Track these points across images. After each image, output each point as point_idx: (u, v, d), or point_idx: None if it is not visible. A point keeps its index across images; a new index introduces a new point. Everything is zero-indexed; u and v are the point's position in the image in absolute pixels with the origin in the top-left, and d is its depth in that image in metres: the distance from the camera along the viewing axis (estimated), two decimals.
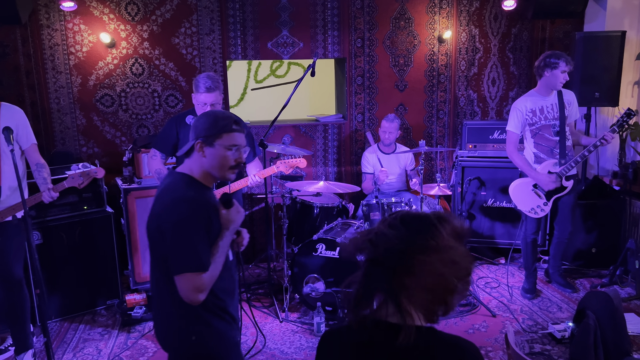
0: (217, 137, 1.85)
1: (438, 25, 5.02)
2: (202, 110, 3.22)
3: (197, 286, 1.75)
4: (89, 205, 3.91)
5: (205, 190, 1.90)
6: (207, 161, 1.87)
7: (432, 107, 5.19)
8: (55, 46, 4.28)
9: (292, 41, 4.75)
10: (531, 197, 3.85)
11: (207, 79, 3.19)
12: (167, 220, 1.77)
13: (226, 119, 1.88)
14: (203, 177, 1.90)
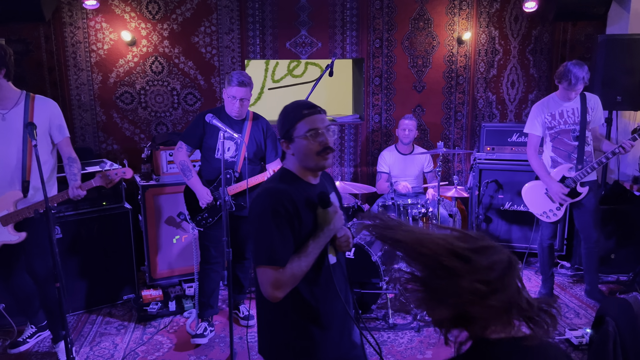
0: (292, 130, 1.80)
1: (457, 26, 4.99)
2: (231, 104, 3.29)
3: (271, 282, 1.68)
4: (108, 201, 3.96)
5: (301, 184, 1.83)
6: (296, 156, 1.82)
7: (450, 108, 5.15)
8: (78, 44, 4.34)
9: (311, 41, 4.76)
10: (544, 201, 3.80)
11: (240, 74, 3.28)
12: (252, 211, 1.78)
13: (295, 109, 1.82)
14: (301, 172, 1.85)
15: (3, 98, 2.94)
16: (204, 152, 3.46)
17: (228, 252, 2.93)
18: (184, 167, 3.40)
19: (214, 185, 3.42)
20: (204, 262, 3.54)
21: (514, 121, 5.24)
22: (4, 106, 2.95)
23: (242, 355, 3.32)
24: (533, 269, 4.63)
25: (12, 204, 2.98)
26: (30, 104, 2.99)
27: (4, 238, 3.00)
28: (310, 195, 1.81)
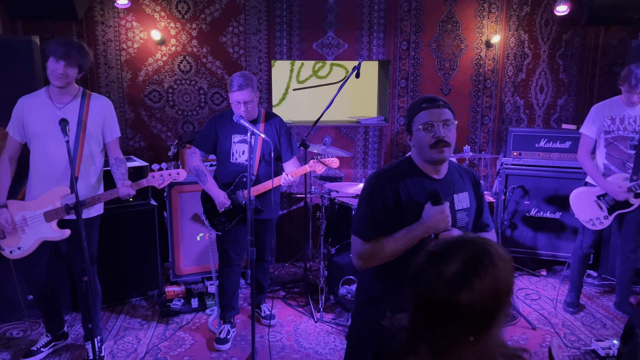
0: (412, 123, 1.89)
1: (486, 29, 4.93)
2: (237, 109, 3.25)
3: (357, 251, 1.87)
4: (135, 197, 3.99)
5: (418, 175, 1.91)
6: (415, 148, 1.91)
7: (477, 112, 5.10)
8: (108, 42, 4.42)
9: (337, 42, 4.76)
10: (592, 208, 3.69)
11: (239, 77, 3.21)
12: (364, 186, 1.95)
13: (417, 102, 1.90)
14: (422, 164, 1.92)
15: (64, 93, 2.97)
16: (219, 156, 3.46)
17: (252, 251, 2.94)
18: (198, 172, 3.40)
19: (230, 189, 3.41)
20: (223, 265, 3.54)
21: (542, 126, 5.16)
22: (61, 101, 2.97)
23: (263, 354, 3.34)
24: (558, 277, 4.54)
25: (58, 199, 2.98)
26: (87, 101, 3.02)
27: (45, 234, 3.00)
28: (426, 188, 1.88)
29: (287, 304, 4.08)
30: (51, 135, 2.94)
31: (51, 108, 2.95)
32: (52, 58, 2.84)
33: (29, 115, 2.95)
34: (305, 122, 5.08)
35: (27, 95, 3.01)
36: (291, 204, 4.99)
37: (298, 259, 4.91)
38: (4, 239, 2.99)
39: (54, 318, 3.35)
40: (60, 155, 2.95)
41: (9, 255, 3.03)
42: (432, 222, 1.81)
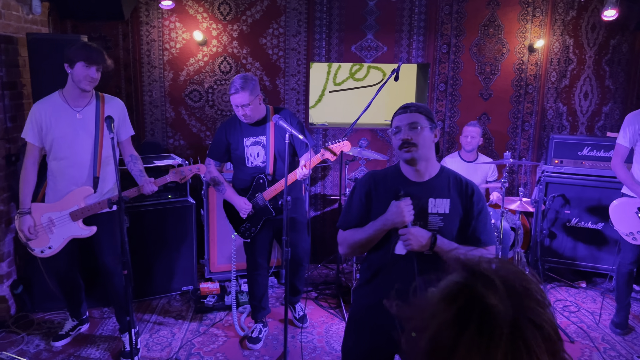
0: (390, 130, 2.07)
1: (529, 33, 4.82)
2: (237, 112, 3.22)
3: (338, 237, 2.15)
4: (173, 194, 4.10)
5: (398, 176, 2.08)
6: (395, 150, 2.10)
7: (518, 118, 4.99)
8: (152, 42, 4.53)
9: (376, 45, 4.74)
10: (633, 220, 3.52)
11: (238, 79, 3.16)
12: None
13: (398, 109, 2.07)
14: (405, 168, 2.08)
15: (79, 97, 3.06)
16: (234, 162, 3.44)
17: (287, 251, 2.96)
18: (215, 182, 3.41)
19: (249, 194, 3.39)
20: (251, 269, 3.56)
21: (585, 134, 5.01)
22: (79, 104, 3.07)
23: (295, 354, 3.35)
24: (599, 289, 4.40)
25: (82, 199, 3.10)
26: (101, 102, 3.13)
27: (73, 232, 3.13)
28: (393, 183, 2.04)
29: (319, 305, 4.09)
30: (71, 138, 3.04)
31: (70, 112, 3.05)
32: (82, 63, 2.93)
33: (49, 120, 3.03)
34: (340, 124, 5.09)
35: (40, 101, 3.08)
36: (325, 206, 4.99)
37: (330, 261, 4.91)
38: (32, 240, 3.11)
39: (78, 306, 3.52)
40: (81, 157, 3.07)
41: (40, 254, 3.15)
42: (389, 215, 1.96)
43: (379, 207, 2.02)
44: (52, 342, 3.42)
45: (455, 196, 2.05)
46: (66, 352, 3.36)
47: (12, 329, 3.58)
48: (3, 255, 3.64)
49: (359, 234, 2.05)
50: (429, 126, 2.01)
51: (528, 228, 4.84)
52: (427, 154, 2.01)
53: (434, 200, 2.02)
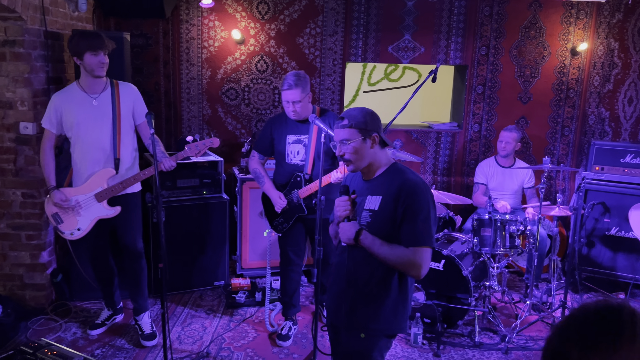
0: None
1: (572, 36, 4.70)
2: (286, 108, 3.29)
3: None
4: (208, 190, 4.16)
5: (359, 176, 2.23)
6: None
7: (557, 122, 4.87)
8: (191, 40, 4.60)
9: (414, 46, 4.70)
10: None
11: (291, 76, 3.22)
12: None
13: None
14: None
15: (94, 84, 3.20)
16: (276, 157, 3.50)
17: (319, 250, 2.96)
18: (256, 174, 3.47)
19: (286, 190, 3.43)
20: (283, 264, 3.60)
21: (628, 140, 4.85)
22: (95, 91, 3.22)
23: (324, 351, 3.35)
24: (638, 301, 4.26)
25: (105, 180, 3.25)
26: (116, 88, 3.26)
27: (100, 213, 3.28)
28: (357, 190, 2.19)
29: None
30: (90, 123, 3.19)
31: (87, 99, 3.20)
32: (90, 53, 3.07)
33: (68, 108, 3.18)
34: None
35: (59, 92, 3.26)
36: None
37: None
38: (61, 223, 3.25)
39: (112, 293, 3.63)
40: (101, 140, 3.21)
41: (70, 237, 3.31)
42: (334, 210, 2.15)
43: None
44: (89, 330, 3.54)
45: (388, 194, 2.04)
46: (101, 340, 3.46)
47: (51, 316, 3.71)
48: (44, 245, 3.76)
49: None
50: (360, 139, 2.06)
51: (565, 235, 4.72)
52: (365, 162, 2.10)
53: (370, 197, 2.10)
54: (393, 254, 1.99)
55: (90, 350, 3.33)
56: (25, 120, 3.56)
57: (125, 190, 3.28)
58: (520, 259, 4.60)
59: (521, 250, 3.79)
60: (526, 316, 3.81)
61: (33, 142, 3.60)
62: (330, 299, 2.28)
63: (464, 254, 3.73)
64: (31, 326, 3.57)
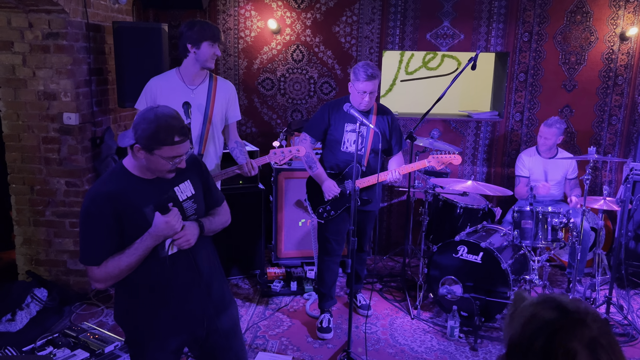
0: (155, 148, 1.85)
1: (622, 20, 4.47)
2: (359, 98, 3.21)
3: (90, 276, 1.91)
4: (244, 180, 4.19)
5: (137, 183, 1.93)
6: (144, 163, 1.91)
7: (604, 111, 4.66)
8: (228, 30, 4.62)
9: (453, 33, 4.58)
10: None
11: (367, 67, 3.16)
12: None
13: (167, 132, 1.85)
14: (140, 170, 1.95)
15: (196, 75, 3.14)
16: (328, 144, 3.43)
17: (354, 241, 2.94)
18: (308, 158, 3.40)
19: (339, 178, 3.40)
20: (324, 254, 3.56)
21: None
22: (194, 83, 3.15)
23: (358, 344, 3.35)
24: None
25: None
26: (214, 84, 3.19)
27: None
28: (150, 191, 1.93)
29: (384, 297, 4.05)
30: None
31: (185, 89, 3.12)
32: (209, 42, 3.01)
33: (162, 95, 3.10)
34: (411, 114, 4.98)
35: (158, 77, 3.18)
36: (392, 197, 4.92)
37: (396, 254, 4.85)
38: None
39: None
40: (193, 132, 3.09)
41: None
42: (158, 231, 1.88)
43: (133, 225, 1.88)
44: None
45: (192, 174, 2.07)
46: None
47: (93, 301, 3.83)
48: None
49: (124, 259, 1.86)
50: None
51: (611, 229, 4.54)
52: None
53: (178, 187, 2.01)
54: (220, 217, 2.18)
55: None
56: (69, 110, 3.66)
57: None
58: (563, 252, 4.45)
59: (564, 244, 3.66)
60: None
61: (76, 132, 3.70)
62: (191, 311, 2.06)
63: (504, 247, 3.63)
64: (75, 310, 3.70)
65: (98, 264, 1.86)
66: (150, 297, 1.99)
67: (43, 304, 3.57)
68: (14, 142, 3.74)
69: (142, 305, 2.00)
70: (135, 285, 1.97)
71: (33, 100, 3.66)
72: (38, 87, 3.63)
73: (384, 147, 3.44)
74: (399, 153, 3.49)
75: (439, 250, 3.68)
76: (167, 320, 2.01)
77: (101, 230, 1.86)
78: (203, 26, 3.02)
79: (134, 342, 2.08)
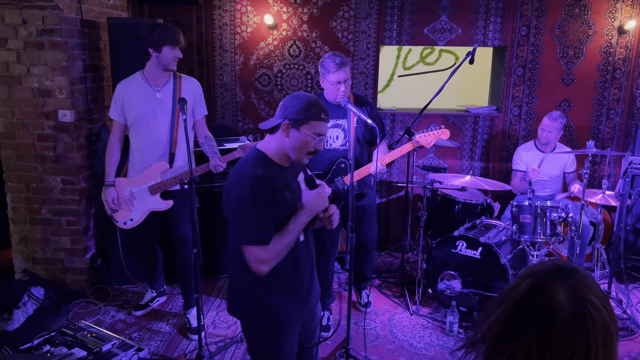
0: (305, 123, 1.93)
1: (620, 14, 4.45)
2: (334, 90, 3.15)
3: (258, 258, 1.88)
4: None
5: (276, 168, 1.98)
6: (288, 143, 1.95)
7: (602, 105, 4.65)
8: (224, 26, 4.59)
9: (450, 27, 4.55)
10: None
11: (335, 56, 3.11)
12: (231, 195, 1.92)
13: (317, 107, 1.95)
14: (277, 156, 1.99)
15: (160, 77, 3.19)
16: None
17: (352, 237, 2.92)
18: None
19: (328, 177, 3.33)
20: (319, 255, 3.51)
21: None
22: (158, 84, 3.20)
23: (357, 340, 3.33)
24: None
25: (159, 174, 3.25)
26: (178, 82, 3.24)
27: (152, 206, 3.31)
28: (286, 178, 2.00)
29: (382, 293, 4.04)
30: (152, 116, 3.18)
31: (150, 91, 3.19)
32: (169, 46, 3.07)
33: (130, 98, 3.18)
34: (409, 109, 4.96)
35: (124, 81, 3.25)
36: (391, 193, 4.90)
37: (395, 249, 4.83)
38: (116, 212, 3.31)
39: (157, 277, 3.71)
40: (160, 133, 3.20)
41: (123, 226, 3.36)
42: (311, 205, 1.98)
43: (285, 205, 1.96)
44: (133, 311, 3.65)
45: (300, 168, 2.18)
46: (139, 324, 3.53)
47: (90, 299, 3.81)
48: (84, 230, 3.86)
49: (286, 237, 1.92)
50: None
51: (610, 223, 4.53)
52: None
53: (299, 177, 2.12)
54: None
55: (127, 334, 3.40)
56: (64, 108, 3.63)
57: (178, 185, 3.26)
58: (562, 247, 4.43)
59: (562, 238, 3.65)
60: None
61: (71, 130, 3.67)
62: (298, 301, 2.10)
63: (502, 242, 3.62)
64: (72, 309, 3.68)
65: (268, 243, 1.89)
66: (287, 281, 2.03)
67: (40, 303, 3.55)
68: (9, 140, 3.72)
69: (281, 290, 2.02)
70: (275, 270, 1.96)
71: (28, 98, 3.63)
72: (33, 84, 3.60)
73: (367, 137, 3.39)
74: (383, 142, 3.43)
75: (438, 245, 3.67)
76: (298, 305, 2.08)
77: (267, 210, 1.89)
78: (163, 30, 3.08)
79: (262, 329, 2.06)
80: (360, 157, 3.36)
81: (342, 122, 3.27)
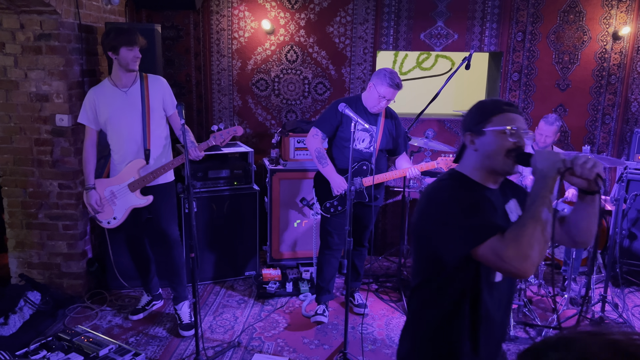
0: (485, 122, 1.60)
1: (614, 20, 4.49)
2: (377, 101, 3.28)
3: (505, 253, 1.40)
4: (239, 181, 4.17)
5: (480, 189, 1.61)
6: (479, 153, 1.61)
7: (597, 110, 4.68)
8: (222, 31, 4.61)
9: (447, 32, 4.58)
10: None
11: (395, 76, 3.25)
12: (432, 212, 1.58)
13: (494, 102, 1.65)
14: (480, 175, 1.63)
15: (125, 78, 3.26)
16: (337, 141, 3.45)
17: (349, 241, 2.94)
18: (320, 154, 3.41)
19: (346, 175, 3.40)
20: (325, 248, 3.60)
21: None
22: (125, 85, 3.28)
23: (354, 344, 3.33)
24: None
25: (137, 171, 3.32)
26: (145, 82, 3.32)
27: (133, 202, 3.37)
28: (491, 200, 1.60)
29: (380, 297, 4.04)
30: (122, 116, 3.27)
31: (118, 92, 3.27)
32: (126, 47, 3.14)
33: (101, 103, 3.27)
34: (406, 114, 4.97)
35: (93, 88, 3.34)
36: (387, 197, 4.92)
37: (392, 254, 4.84)
38: (99, 213, 3.37)
39: (150, 280, 3.73)
40: (133, 132, 3.28)
41: (107, 225, 3.42)
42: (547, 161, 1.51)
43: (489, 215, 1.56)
44: (130, 315, 3.65)
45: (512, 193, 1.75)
46: (135, 328, 3.52)
47: (87, 304, 3.80)
48: (81, 234, 3.85)
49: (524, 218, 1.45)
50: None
51: (605, 227, 4.55)
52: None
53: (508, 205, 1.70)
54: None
55: (124, 338, 3.39)
56: (61, 112, 3.63)
57: (157, 180, 3.34)
58: (558, 251, 4.45)
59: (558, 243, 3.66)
60: (564, 310, 3.70)
61: (68, 134, 3.67)
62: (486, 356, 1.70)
63: None
64: (68, 314, 3.67)
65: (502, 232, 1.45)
66: (479, 325, 1.62)
67: (36, 308, 3.54)
68: (6, 144, 3.71)
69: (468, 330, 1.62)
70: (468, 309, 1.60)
71: (25, 102, 3.63)
72: (30, 89, 3.60)
73: (390, 147, 3.53)
74: (404, 153, 3.62)
75: None
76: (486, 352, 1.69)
77: (480, 209, 1.52)
78: (118, 33, 3.16)
79: None
80: (382, 164, 3.51)
81: (372, 128, 3.32)
